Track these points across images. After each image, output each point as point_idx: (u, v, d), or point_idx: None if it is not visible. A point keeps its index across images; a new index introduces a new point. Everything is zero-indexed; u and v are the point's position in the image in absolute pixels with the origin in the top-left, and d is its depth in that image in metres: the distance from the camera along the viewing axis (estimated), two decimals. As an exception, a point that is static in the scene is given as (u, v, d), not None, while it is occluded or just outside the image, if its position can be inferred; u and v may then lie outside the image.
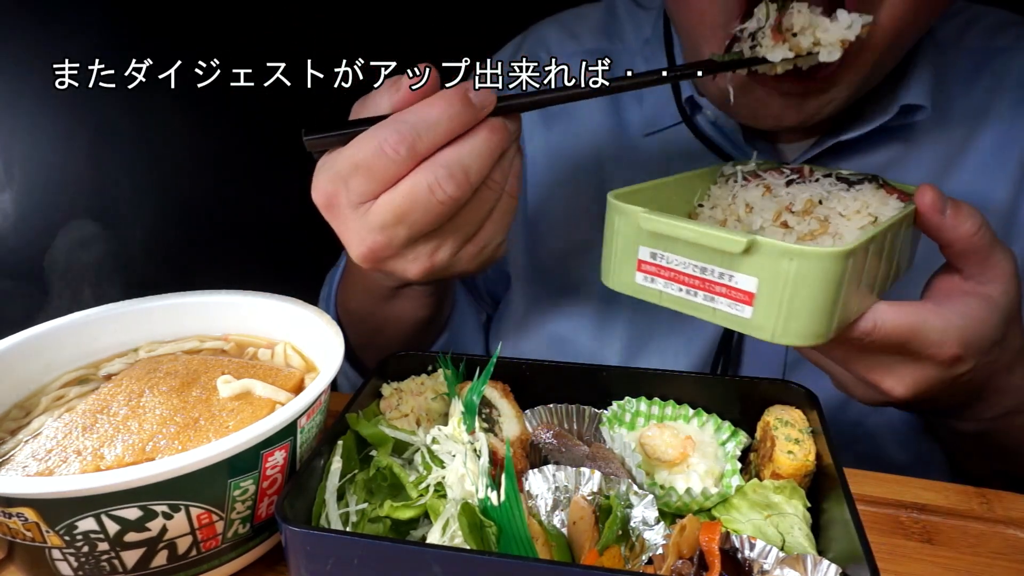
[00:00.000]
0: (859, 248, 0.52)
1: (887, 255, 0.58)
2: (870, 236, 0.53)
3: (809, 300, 0.52)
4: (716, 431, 0.61)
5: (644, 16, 0.92)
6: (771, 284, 0.52)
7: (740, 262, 0.53)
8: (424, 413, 0.61)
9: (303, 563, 0.47)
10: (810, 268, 0.51)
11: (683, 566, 0.45)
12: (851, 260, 0.51)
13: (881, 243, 0.56)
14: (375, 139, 0.55)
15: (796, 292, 0.52)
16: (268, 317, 0.68)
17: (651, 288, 0.59)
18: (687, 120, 0.83)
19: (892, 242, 0.58)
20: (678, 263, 0.56)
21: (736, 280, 0.54)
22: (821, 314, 0.52)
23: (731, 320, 0.55)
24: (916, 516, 0.61)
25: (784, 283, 0.52)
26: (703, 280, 0.55)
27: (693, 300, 0.57)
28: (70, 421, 0.54)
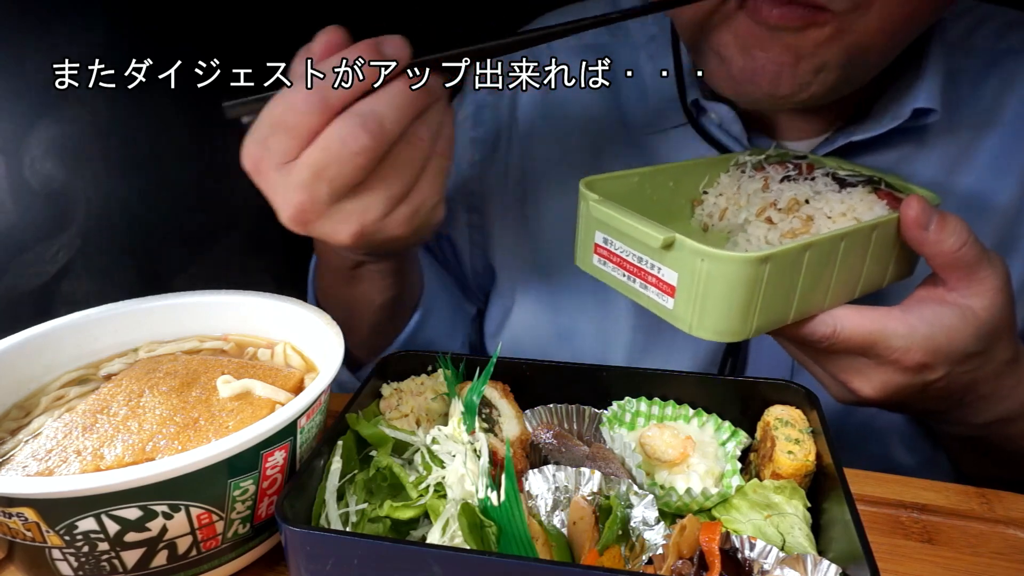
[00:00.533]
0: (778, 255, 0.54)
1: (848, 260, 0.59)
2: (800, 244, 0.56)
3: (721, 299, 0.55)
4: (716, 431, 0.61)
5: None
6: (688, 280, 0.56)
7: (664, 256, 0.57)
8: (424, 413, 0.61)
9: (303, 563, 0.47)
10: (720, 270, 0.54)
11: (683, 566, 0.45)
12: (767, 266, 0.54)
13: (828, 250, 0.57)
14: (288, 96, 0.54)
15: (708, 290, 0.55)
16: (268, 317, 0.68)
17: (604, 271, 0.63)
18: (692, 122, 0.82)
19: (855, 248, 0.59)
20: (621, 250, 0.61)
21: (662, 272, 0.58)
22: (735, 314, 0.55)
23: (658, 308, 0.59)
24: (916, 516, 0.61)
25: (698, 281, 0.55)
26: (639, 268, 0.60)
27: (632, 286, 0.61)
28: (70, 421, 0.54)
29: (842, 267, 0.59)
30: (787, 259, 0.55)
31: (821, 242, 0.57)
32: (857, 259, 0.60)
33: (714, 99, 0.81)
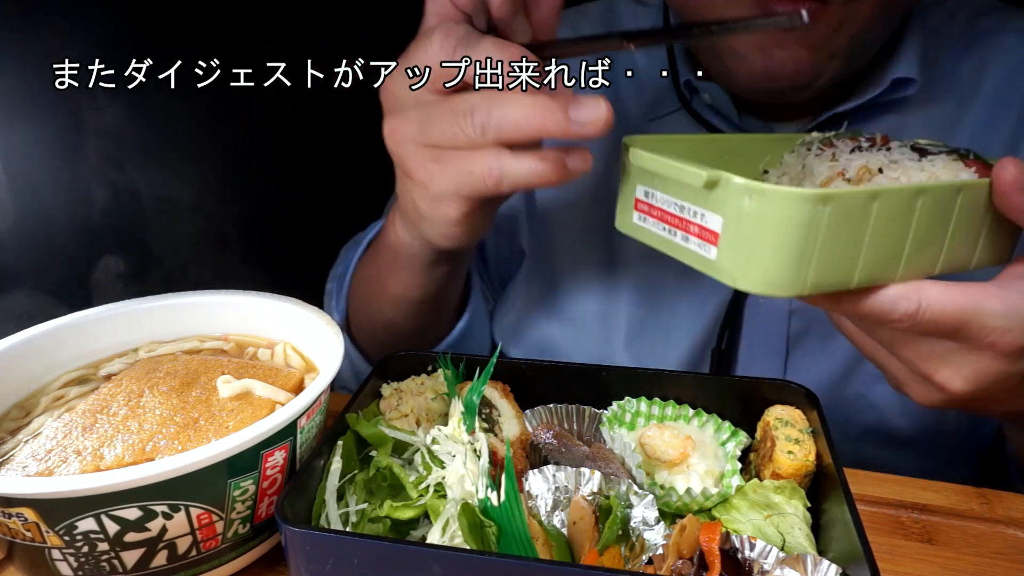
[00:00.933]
0: (840, 196, 0.48)
1: (926, 225, 0.52)
2: (868, 190, 0.49)
3: (770, 245, 0.49)
4: (716, 431, 0.61)
5: (643, 12, 0.94)
6: (733, 223, 0.50)
7: (709, 199, 0.51)
8: (424, 413, 0.61)
9: (303, 563, 0.47)
10: (771, 209, 0.48)
11: (683, 566, 0.45)
12: (827, 209, 0.48)
13: (901, 205, 0.50)
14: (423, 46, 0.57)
15: (756, 234, 0.49)
16: (268, 317, 0.68)
17: (644, 228, 0.58)
18: (686, 104, 0.84)
19: (935, 210, 0.52)
20: (662, 201, 0.55)
21: (706, 218, 0.52)
22: (786, 262, 0.49)
23: (701, 263, 0.53)
24: (916, 516, 0.61)
25: (744, 223, 0.49)
26: (680, 219, 0.54)
27: (673, 240, 0.55)
28: (70, 421, 0.54)
29: (919, 231, 0.52)
30: (851, 204, 0.48)
31: (892, 192, 0.50)
32: (938, 225, 0.53)
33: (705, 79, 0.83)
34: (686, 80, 0.83)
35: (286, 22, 1.48)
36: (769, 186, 0.48)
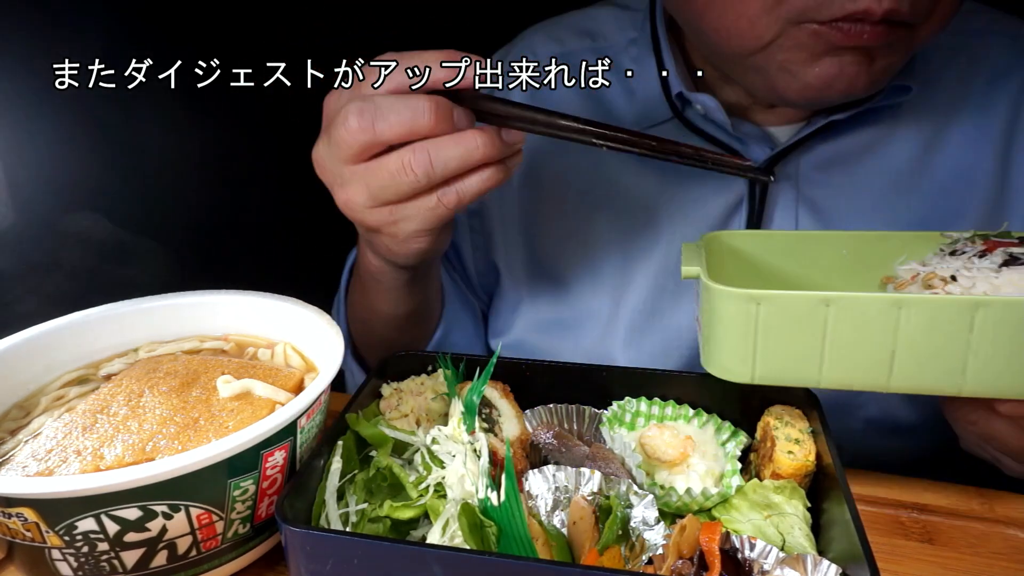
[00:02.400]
0: (774, 298, 0.51)
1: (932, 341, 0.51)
2: (820, 296, 0.51)
3: (717, 334, 0.55)
4: (716, 431, 0.61)
5: (628, 17, 0.93)
6: (703, 315, 0.57)
7: (700, 293, 0.58)
8: (424, 413, 0.61)
9: (303, 563, 0.47)
10: (715, 303, 0.54)
11: (683, 566, 0.45)
12: (762, 307, 0.52)
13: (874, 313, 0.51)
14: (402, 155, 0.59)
15: (710, 324, 0.55)
16: (268, 317, 0.68)
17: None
18: (678, 115, 0.84)
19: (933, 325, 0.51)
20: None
21: (698, 310, 0.60)
22: (731, 352, 0.55)
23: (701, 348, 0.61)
24: (916, 516, 0.60)
25: (704, 314, 0.56)
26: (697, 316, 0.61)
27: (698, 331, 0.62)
28: (70, 421, 0.54)
29: (916, 344, 0.51)
30: (791, 306, 0.51)
31: (849, 300, 0.50)
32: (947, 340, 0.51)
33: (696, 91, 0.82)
34: (678, 92, 0.82)
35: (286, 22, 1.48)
36: (714, 284, 0.53)
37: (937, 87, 0.82)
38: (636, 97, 0.88)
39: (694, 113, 0.84)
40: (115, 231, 1.07)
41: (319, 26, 1.51)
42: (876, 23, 0.64)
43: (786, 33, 0.67)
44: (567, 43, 0.94)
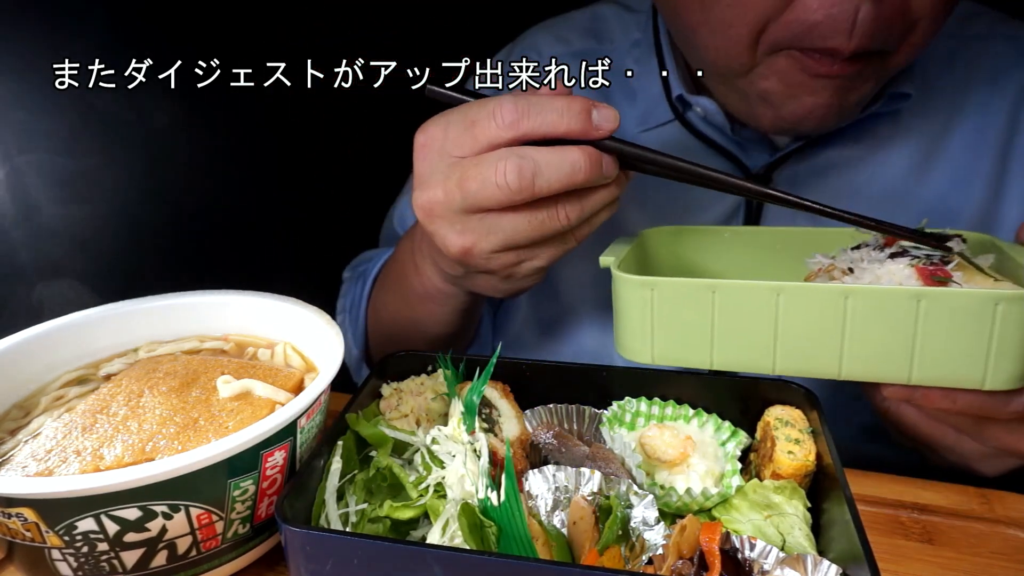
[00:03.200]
0: (664, 285, 0.55)
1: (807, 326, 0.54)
2: (707, 282, 0.55)
3: (619, 316, 0.59)
4: (716, 431, 0.61)
5: (632, 18, 0.93)
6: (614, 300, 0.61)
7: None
8: (424, 413, 0.61)
9: (303, 563, 0.47)
10: (617, 288, 0.58)
11: (683, 566, 0.45)
12: (655, 292, 0.56)
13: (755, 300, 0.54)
14: (493, 101, 0.57)
15: (617, 308, 0.60)
16: (268, 317, 0.68)
17: None
18: (679, 117, 0.84)
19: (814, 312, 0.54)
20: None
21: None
22: (631, 333, 0.59)
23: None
24: (916, 516, 0.60)
25: (613, 299, 0.60)
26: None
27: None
28: (70, 421, 0.54)
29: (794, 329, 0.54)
30: (680, 292, 0.55)
31: (731, 288, 0.54)
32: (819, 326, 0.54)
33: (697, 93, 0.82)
34: (678, 95, 0.83)
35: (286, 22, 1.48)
36: (616, 271, 0.58)
37: (937, 92, 0.82)
38: (638, 99, 0.88)
39: (695, 116, 0.84)
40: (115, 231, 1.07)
41: (319, 26, 1.51)
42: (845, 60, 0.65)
43: (766, 62, 0.69)
44: (573, 43, 0.94)
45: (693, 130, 0.84)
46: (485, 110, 0.56)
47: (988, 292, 0.50)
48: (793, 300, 0.53)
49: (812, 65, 0.67)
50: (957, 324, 0.51)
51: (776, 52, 0.68)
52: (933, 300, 0.51)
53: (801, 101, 0.71)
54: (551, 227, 0.60)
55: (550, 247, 0.63)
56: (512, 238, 0.60)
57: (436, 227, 0.62)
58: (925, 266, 0.55)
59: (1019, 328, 0.50)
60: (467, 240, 0.61)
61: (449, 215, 0.60)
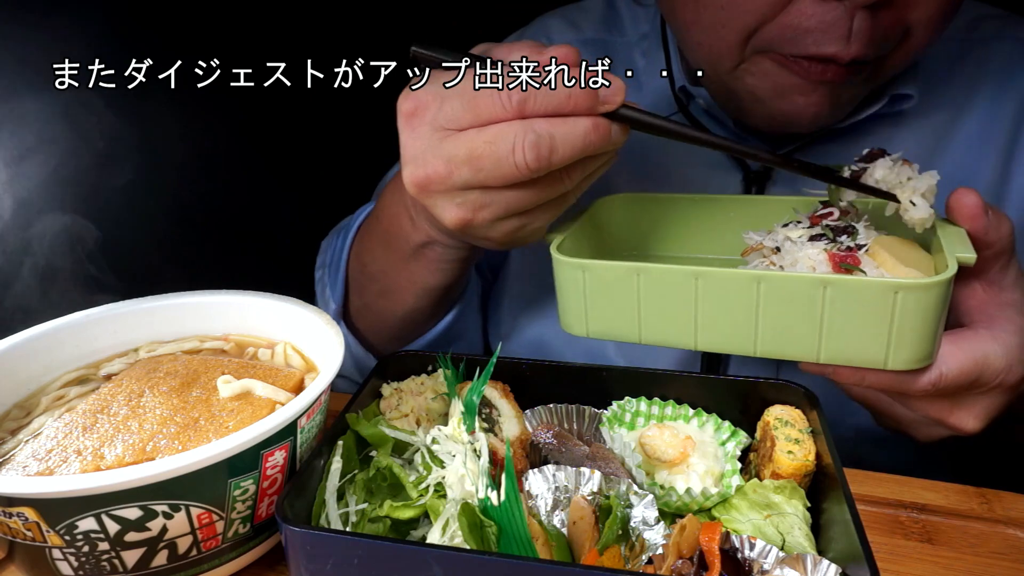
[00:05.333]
0: (593, 267, 0.58)
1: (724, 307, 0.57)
2: (631, 265, 0.58)
3: (559, 293, 0.63)
4: (716, 431, 0.61)
5: (642, 12, 0.94)
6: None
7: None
8: (424, 413, 0.62)
9: (303, 563, 0.47)
10: (555, 267, 0.62)
11: (683, 566, 0.45)
12: (586, 273, 0.60)
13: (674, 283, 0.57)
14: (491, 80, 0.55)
15: (557, 283, 0.63)
16: (268, 317, 0.68)
17: None
18: (683, 109, 0.84)
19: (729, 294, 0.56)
20: None
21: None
22: (568, 309, 0.63)
23: None
24: (916, 516, 0.61)
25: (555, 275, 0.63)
26: None
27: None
28: (70, 421, 0.55)
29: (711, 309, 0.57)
30: (607, 274, 0.59)
31: (656, 271, 0.57)
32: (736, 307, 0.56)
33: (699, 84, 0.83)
34: (681, 86, 0.83)
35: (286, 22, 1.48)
36: (554, 252, 0.62)
37: (942, 93, 0.82)
38: (644, 90, 0.89)
39: (697, 108, 0.84)
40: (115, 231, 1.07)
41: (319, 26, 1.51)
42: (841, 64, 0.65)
43: (753, 59, 0.69)
44: (585, 31, 0.94)
45: (695, 123, 0.84)
46: (488, 88, 0.55)
47: (888, 281, 0.52)
48: (710, 284, 0.56)
49: (801, 72, 0.67)
50: (859, 310, 0.53)
51: (762, 53, 0.68)
52: (837, 288, 0.54)
53: (791, 100, 0.71)
54: (555, 192, 0.59)
55: (551, 208, 0.62)
56: (514, 207, 0.59)
57: (432, 201, 0.60)
58: (837, 252, 0.58)
59: (917, 314, 0.52)
60: (466, 212, 0.59)
61: (448, 190, 0.58)
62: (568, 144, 0.55)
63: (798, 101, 0.70)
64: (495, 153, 0.55)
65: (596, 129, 0.56)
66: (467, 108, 0.55)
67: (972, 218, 0.57)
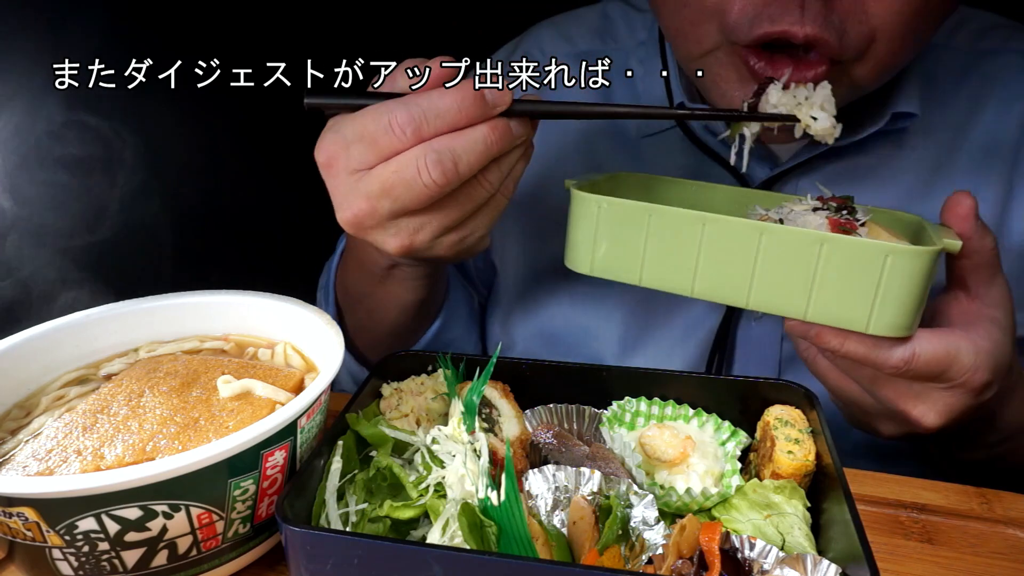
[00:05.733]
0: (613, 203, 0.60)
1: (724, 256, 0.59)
2: (645, 205, 0.60)
3: (571, 228, 0.65)
4: (716, 431, 0.61)
5: (639, 18, 0.93)
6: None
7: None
8: (424, 413, 0.62)
9: (303, 563, 0.47)
10: (573, 202, 0.64)
11: (683, 566, 0.45)
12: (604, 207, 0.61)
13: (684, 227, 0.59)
14: (386, 114, 0.57)
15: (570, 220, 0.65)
16: (268, 317, 0.68)
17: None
18: (681, 124, 0.84)
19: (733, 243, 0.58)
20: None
21: None
22: (577, 244, 0.64)
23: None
24: (916, 516, 0.61)
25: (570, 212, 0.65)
26: None
27: None
28: (70, 421, 0.55)
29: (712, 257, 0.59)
30: (624, 211, 0.61)
31: (668, 213, 0.59)
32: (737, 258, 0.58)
33: (700, 101, 0.82)
34: (679, 103, 0.83)
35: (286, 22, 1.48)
36: (574, 188, 0.64)
37: (946, 109, 0.80)
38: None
39: (696, 124, 0.83)
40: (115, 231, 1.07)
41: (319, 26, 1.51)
42: (797, 59, 0.65)
43: (721, 49, 0.69)
44: (577, 43, 0.94)
45: (694, 138, 0.83)
46: (380, 124, 0.57)
47: (881, 244, 0.55)
48: (716, 230, 0.58)
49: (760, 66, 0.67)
50: (850, 269, 0.55)
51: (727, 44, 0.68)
52: (834, 245, 0.55)
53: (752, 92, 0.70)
54: (478, 199, 0.61)
55: (484, 214, 0.64)
56: (445, 223, 0.62)
57: (371, 236, 0.63)
58: (837, 219, 0.61)
59: (904, 280, 0.54)
60: (403, 239, 0.62)
61: (379, 223, 0.61)
62: (470, 152, 0.57)
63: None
64: (404, 180, 0.57)
65: (494, 130, 0.58)
66: (370, 148, 0.58)
67: (963, 219, 0.59)
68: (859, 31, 0.64)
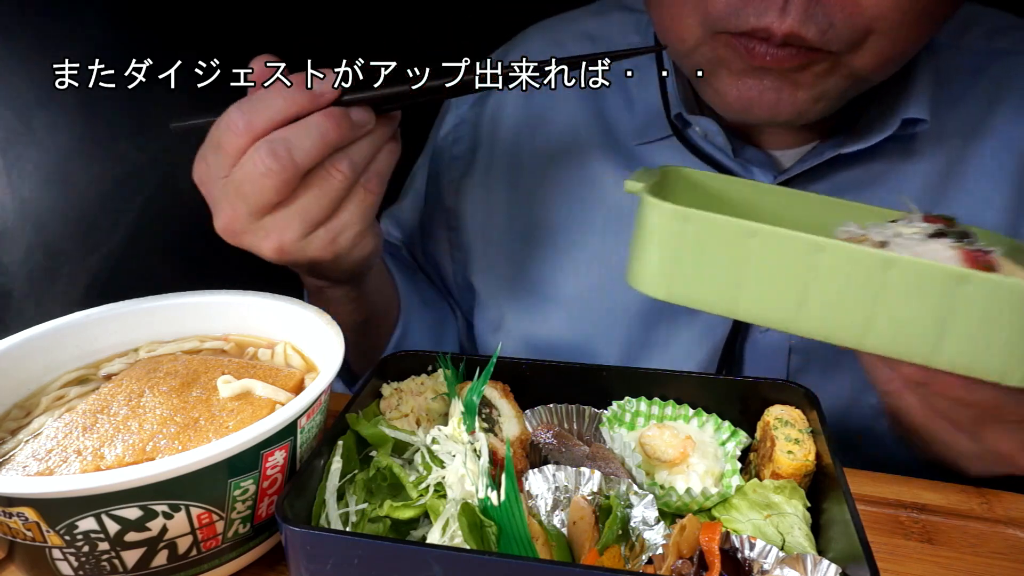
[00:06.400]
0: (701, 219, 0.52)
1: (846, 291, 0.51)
2: (745, 225, 0.51)
3: (640, 243, 0.56)
4: (716, 431, 0.61)
5: (633, 20, 0.91)
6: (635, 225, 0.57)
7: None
8: (424, 413, 0.62)
9: (303, 563, 0.47)
10: (643, 213, 0.55)
11: (683, 566, 0.45)
12: (690, 226, 0.52)
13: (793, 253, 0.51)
14: (225, 117, 0.59)
15: (637, 234, 0.57)
16: (268, 317, 0.68)
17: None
18: (678, 133, 0.82)
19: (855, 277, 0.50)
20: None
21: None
22: (648, 262, 0.55)
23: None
24: (916, 516, 0.61)
25: (636, 224, 0.57)
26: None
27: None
28: (70, 421, 0.55)
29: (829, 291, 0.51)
30: (717, 230, 0.52)
31: (772, 235, 0.51)
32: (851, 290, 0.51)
33: (699, 112, 0.81)
34: (677, 113, 0.81)
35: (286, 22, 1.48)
36: (649, 196, 0.54)
37: (958, 112, 0.79)
38: (636, 109, 0.86)
39: (694, 133, 0.82)
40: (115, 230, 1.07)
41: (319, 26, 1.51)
42: (780, 46, 0.64)
43: (707, 42, 0.68)
44: (566, 46, 0.92)
45: (692, 147, 0.82)
46: (221, 128, 0.59)
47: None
48: (832, 259, 0.50)
49: (746, 55, 0.66)
50: (994, 314, 0.48)
51: (713, 35, 0.67)
52: (978, 285, 0.48)
53: (745, 90, 0.69)
54: (334, 189, 0.61)
55: (350, 208, 0.64)
56: (307, 218, 0.62)
57: (245, 242, 0.64)
58: (973, 251, 0.52)
59: None
60: (272, 239, 0.63)
61: (246, 226, 0.62)
62: (303, 138, 0.58)
63: (754, 87, 0.69)
64: (247, 174, 0.58)
65: (328, 118, 0.58)
66: (220, 154, 0.60)
67: None
68: (850, 24, 0.63)
